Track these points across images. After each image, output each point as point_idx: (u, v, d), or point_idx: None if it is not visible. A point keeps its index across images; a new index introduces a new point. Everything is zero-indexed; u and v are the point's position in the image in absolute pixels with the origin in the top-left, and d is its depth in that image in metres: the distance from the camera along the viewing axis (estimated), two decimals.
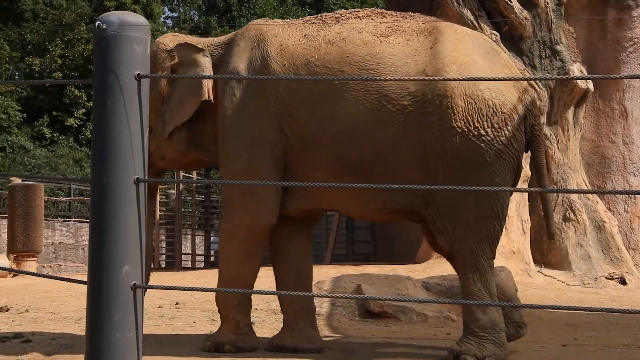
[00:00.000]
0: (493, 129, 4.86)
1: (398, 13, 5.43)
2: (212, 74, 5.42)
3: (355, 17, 5.32)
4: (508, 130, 4.90)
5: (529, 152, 5.17)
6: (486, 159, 4.86)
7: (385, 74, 4.96)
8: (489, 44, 5.23)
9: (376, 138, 4.94)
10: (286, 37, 5.28)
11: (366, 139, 4.95)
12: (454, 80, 4.67)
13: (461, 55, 4.97)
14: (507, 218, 5.34)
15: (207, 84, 5.31)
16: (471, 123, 4.84)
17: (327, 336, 5.95)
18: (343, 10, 5.54)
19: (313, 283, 5.67)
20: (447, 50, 4.97)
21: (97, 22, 2.66)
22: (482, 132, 4.85)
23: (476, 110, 4.85)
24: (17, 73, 30.61)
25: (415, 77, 4.92)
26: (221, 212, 5.48)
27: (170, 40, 5.64)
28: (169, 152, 5.56)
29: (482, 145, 4.85)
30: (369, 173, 4.99)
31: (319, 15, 5.52)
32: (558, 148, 12.31)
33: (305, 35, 5.25)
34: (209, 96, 5.30)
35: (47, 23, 30.57)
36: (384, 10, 5.47)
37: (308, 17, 5.50)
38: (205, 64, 5.40)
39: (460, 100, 4.85)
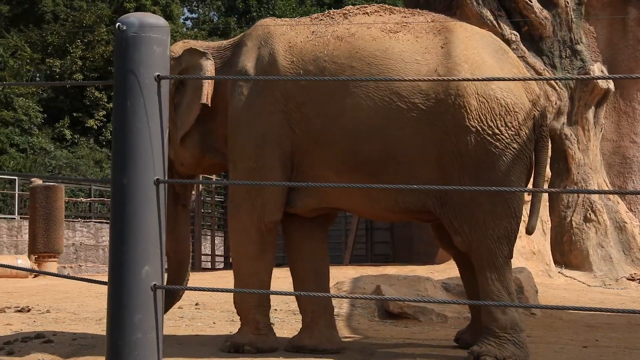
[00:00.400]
0: (507, 128, 4.86)
1: (406, 9, 5.41)
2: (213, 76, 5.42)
3: (363, 13, 5.29)
4: (520, 129, 4.90)
5: (535, 150, 5.11)
6: (501, 157, 4.86)
7: (394, 70, 4.94)
8: (497, 42, 5.22)
9: (387, 135, 4.91)
10: (294, 35, 5.27)
11: (376, 136, 4.93)
12: (469, 80, 4.65)
13: (472, 54, 4.96)
14: (527, 218, 5.33)
15: (207, 88, 5.31)
16: (485, 122, 4.84)
17: (346, 337, 5.94)
18: (350, 6, 5.53)
19: (332, 284, 5.67)
20: (458, 49, 4.96)
21: (118, 24, 2.67)
22: (497, 130, 4.85)
23: (489, 109, 4.85)
24: (38, 74, 30.80)
25: (432, 78, 4.90)
26: (228, 211, 5.46)
27: (179, 47, 5.65)
28: (185, 158, 5.58)
29: (497, 144, 4.85)
30: (379, 171, 4.96)
31: (327, 12, 5.50)
32: (579, 148, 12.25)
33: (313, 32, 5.24)
34: (207, 99, 5.29)
35: (68, 25, 30.75)
36: (391, 6, 5.47)
37: (315, 15, 5.49)
38: (208, 67, 5.39)
39: (473, 99, 4.85)
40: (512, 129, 4.88)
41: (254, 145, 5.18)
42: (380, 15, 5.26)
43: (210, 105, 5.31)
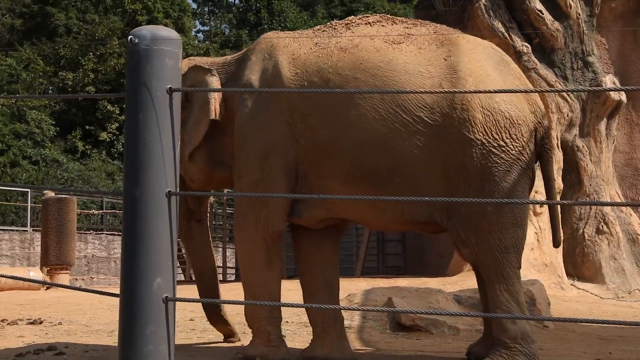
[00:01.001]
0: (511, 140, 4.92)
1: (408, 20, 5.46)
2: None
3: (366, 23, 5.33)
4: (524, 141, 4.97)
5: (540, 164, 5.20)
6: (506, 169, 4.91)
7: (398, 82, 4.97)
8: (499, 54, 5.27)
9: (393, 148, 4.94)
10: (297, 47, 5.30)
11: (382, 148, 4.95)
12: (471, 92, 4.66)
13: (476, 67, 5.01)
14: (539, 231, 5.37)
15: (214, 104, 5.34)
16: (490, 135, 4.89)
17: (358, 349, 5.93)
18: (352, 16, 5.55)
19: (344, 296, 5.65)
20: (463, 63, 5.00)
21: (130, 37, 2.67)
22: (502, 142, 4.90)
23: (494, 122, 4.91)
24: (50, 87, 30.94)
25: (447, 90, 4.91)
26: (234, 222, 5.49)
27: (184, 64, 5.67)
28: (194, 173, 5.61)
29: (502, 155, 4.90)
30: (385, 182, 4.98)
31: (329, 23, 5.53)
32: (591, 160, 12.23)
33: (316, 43, 5.27)
34: (215, 115, 5.32)
35: (80, 38, 30.90)
36: (393, 16, 5.50)
37: (318, 27, 5.52)
38: (213, 83, 5.43)
39: (478, 113, 4.90)
40: (517, 140, 4.94)
41: (259, 156, 5.20)
42: (383, 25, 5.29)
43: (219, 120, 5.34)
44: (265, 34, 5.63)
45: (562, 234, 5.80)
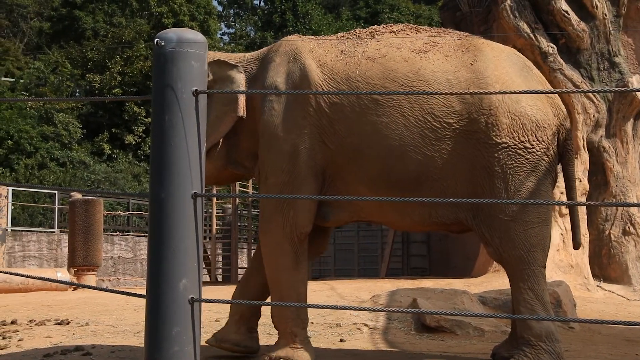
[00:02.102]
0: (537, 142, 5.04)
1: (432, 28, 5.53)
2: (245, 90, 5.43)
3: (390, 32, 5.39)
4: (549, 143, 5.08)
5: (562, 165, 5.30)
6: (531, 169, 5.01)
7: (428, 91, 5.02)
8: (522, 60, 5.36)
9: (422, 154, 5.01)
10: (323, 53, 5.32)
11: (412, 155, 5.01)
12: (497, 93, 4.67)
13: (502, 74, 5.10)
14: (565, 232, 5.42)
15: (242, 101, 5.33)
16: (517, 138, 5.00)
17: (383, 350, 5.93)
18: (376, 26, 5.60)
19: (369, 297, 5.66)
20: (489, 70, 5.09)
21: (156, 39, 2.70)
22: (528, 145, 5.01)
23: (521, 126, 5.02)
24: (77, 90, 31.15)
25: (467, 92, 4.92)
26: (259, 226, 5.49)
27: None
28: (208, 170, 5.57)
29: (528, 157, 5.01)
30: (413, 189, 5.05)
31: (353, 31, 5.55)
32: (617, 161, 12.14)
33: (342, 51, 5.31)
34: (243, 112, 5.33)
35: (107, 41, 31.09)
36: (417, 25, 5.57)
37: (342, 33, 5.55)
38: (240, 80, 5.40)
39: (505, 117, 5.01)
40: (543, 142, 5.05)
41: (287, 158, 5.20)
42: (407, 34, 5.33)
43: (244, 117, 5.35)
44: (287, 37, 5.64)
45: (582, 236, 5.84)
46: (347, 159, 5.13)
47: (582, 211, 11.55)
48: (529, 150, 5.00)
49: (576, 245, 5.44)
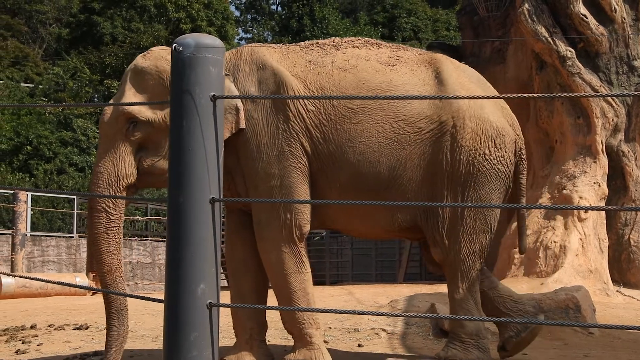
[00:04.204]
0: (496, 149, 5.31)
1: (391, 44, 5.66)
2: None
3: (353, 47, 5.48)
4: (506, 151, 5.36)
5: (514, 173, 5.54)
6: (487, 177, 5.28)
7: (402, 101, 5.22)
8: (476, 74, 5.69)
9: (394, 159, 5.20)
10: (291, 64, 5.36)
11: (384, 161, 5.20)
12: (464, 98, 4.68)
13: (464, 82, 5.41)
14: (584, 237, 5.64)
15: (243, 112, 5.22)
16: (478, 142, 5.26)
17: (401, 355, 5.92)
18: (336, 38, 5.70)
19: (386, 302, 5.66)
20: (452, 78, 5.36)
21: (174, 45, 2.71)
22: (487, 151, 5.27)
23: (483, 130, 5.29)
24: (96, 95, 31.30)
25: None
26: (256, 234, 5.43)
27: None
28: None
29: (485, 164, 5.27)
30: (382, 193, 5.22)
31: (314, 41, 5.62)
32: (636, 165, 12.07)
33: (310, 61, 5.38)
34: (243, 123, 5.20)
35: (126, 46, 31.23)
36: (378, 41, 5.71)
37: (303, 43, 5.63)
38: (232, 87, 5.23)
39: (470, 121, 5.27)
40: (500, 149, 5.33)
41: (275, 162, 5.23)
42: (370, 49, 5.47)
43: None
44: (248, 45, 5.61)
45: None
46: (320, 165, 5.24)
47: (602, 216, 11.47)
48: (486, 157, 5.26)
49: (521, 250, 5.80)
